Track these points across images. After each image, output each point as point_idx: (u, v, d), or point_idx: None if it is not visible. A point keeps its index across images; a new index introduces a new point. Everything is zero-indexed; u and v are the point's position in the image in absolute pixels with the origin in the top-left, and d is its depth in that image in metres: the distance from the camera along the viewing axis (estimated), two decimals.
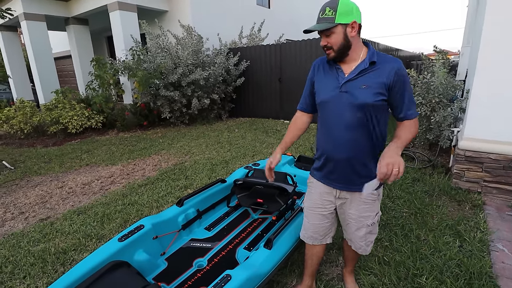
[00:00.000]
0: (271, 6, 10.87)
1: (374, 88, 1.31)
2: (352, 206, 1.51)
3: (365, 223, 1.52)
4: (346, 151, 1.40)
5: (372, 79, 1.32)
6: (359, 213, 1.51)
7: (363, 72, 1.33)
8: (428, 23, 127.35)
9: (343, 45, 1.32)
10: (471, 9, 5.14)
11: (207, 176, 3.83)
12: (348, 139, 1.38)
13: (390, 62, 1.33)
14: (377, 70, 1.32)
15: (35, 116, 6.71)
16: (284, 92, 7.32)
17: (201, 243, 2.11)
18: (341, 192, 1.51)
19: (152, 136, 6.42)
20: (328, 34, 1.32)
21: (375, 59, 1.33)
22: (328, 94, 1.41)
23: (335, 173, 1.48)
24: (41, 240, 2.52)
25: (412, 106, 1.37)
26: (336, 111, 1.39)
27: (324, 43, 1.35)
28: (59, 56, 12.51)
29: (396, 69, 1.30)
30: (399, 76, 1.31)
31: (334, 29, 1.29)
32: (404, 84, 1.33)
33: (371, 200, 1.49)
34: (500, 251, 2.23)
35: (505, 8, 2.69)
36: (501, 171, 2.95)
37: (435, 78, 3.92)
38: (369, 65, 1.33)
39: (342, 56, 1.37)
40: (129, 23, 7.37)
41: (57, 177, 4.16)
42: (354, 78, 1.34)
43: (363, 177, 1.42)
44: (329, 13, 1.28)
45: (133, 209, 3.01)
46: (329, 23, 1.28)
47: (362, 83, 1.32)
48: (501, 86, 2.81)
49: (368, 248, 1.61)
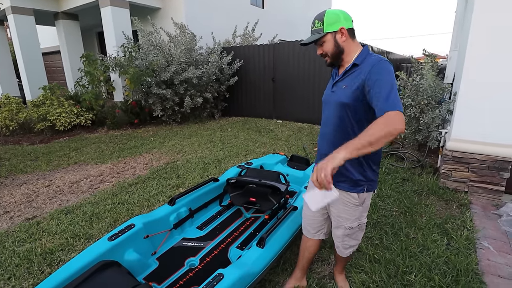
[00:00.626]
0: (265, 6, 10.88)
1: (351, 88, 1.35)
2: (334, 203, 1.55)
3: (343, 224, 1.55)
4: (327, 147, 1.49)
5: (351, 80, 1.37)
6: (338, 212, 1.55)
7: (347, 73, 1.42)
8: (418, 27, 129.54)
9: (336, 51, 1.41)
10: (458, 14, 5.25)
11: (200, 175, 3.81)
12: (331, 136, 1.49)
13: (370, 61, 1.31)
14: (357, 71, 1.36)
15: (21, 112, 6.54)
16: (277, 92, 7.33)
17: (193, 242, 2.10)
18: None
19: (143, 134, 6.34)
20: (321, 44, 1.42)
21: (358, 61, 1.37)
22: (325, 94, 1.57)
23: None
24: (27, 240, 2.46)
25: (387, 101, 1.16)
26: (327, 109, 1.53)
27: (320, 52, 1.46)
28: (47, 52, 12.22)
29: (372, 66, 1.27)
30: (373, 72, 1.25)
31: (324, 38, 1.40)
32: (377, 76, 1.23)
33: (351, 203, 1.49)
34: (486, 248, 2.29)
35: (490, 14, 2.76)
36: (486, 171, 3.03)
37: (424, 80, 4.00)
38: (352, 67, 1.39)
39: (338, 61, 1.46)
40: (121, 19, 7.25)
41: (44, 176, 4.07)
42: (340, 80, 1.45)
43: (341, 175, 1.45)
44: (317, 24, 1.39)
45: (123, 208, 2.97)
46: (319, 34, 1.39)
47: (343, 84, 1.41)
48: (487, 89, 2.89)
49: (345, 251, 1.64)
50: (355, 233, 1.59)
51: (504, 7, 2.69)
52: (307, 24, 13.00)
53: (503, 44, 2.75)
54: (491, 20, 2.77)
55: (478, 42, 2.86)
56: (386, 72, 1.24)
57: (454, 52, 4.89)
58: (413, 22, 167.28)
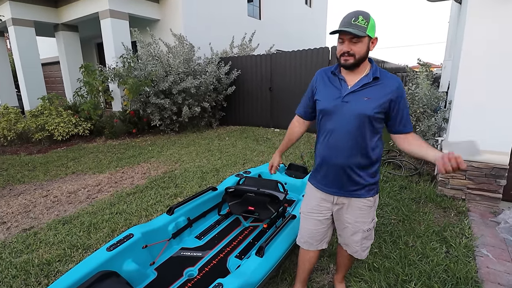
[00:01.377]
0: (262, 18, 11.06)
1: (376, 101, 1.39)
2: (349, 211, 1.56)
3: (361, 228, 1.57)
4: (343, 158, 1.46)
5: (374, 93, 1.40)
6: (355, 218, 1.55)
7: (367, 85, 1.42)
8: (412, 37, 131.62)
9: (363, 56, 1.40)
10: (452, 25, 5.37)
11: (198, 184, 3.81)
12: (346, 146, 1.45)
13: (392, 79, 1.44)
14: (380, 85, 1.41)
15: (19, 122, 6.54)
16: (274, 101, 7.40)
17: (191, 252, 2.09)
18: (339, 198, 1.56)
19: (141, 143, 6.35)
20: (356, 42, 1.35)
21: (378, 74, 1.42)
22: (330, 103, 1.47)
23: (332, 179, 1.53)
24: (24, 251, 2.44)
25: (409, 121, 1.47)
26: (337, 119, 1.45)
27: (348, 49, 1.37)
28: (46, 62, 12.30)
29: (397, 86, 1.41)
30: (400, 93, 1.41)
31: (363, 38, 1.35)
32: (403, 100, 1.43)
33: (367, 206, 1.54)
34: (485, 256, 2.29)
35: (482, 26, 2.83)
36: (483, 178, 3.05)
37: (419, 89, 4.06)
38: (373, 80, 1.41)
39: (357, 66, 1.42)
40: (121, 31, 7.35)
41: (41, 186, 4.05)
42: (357, 90, 1.42)
43: (357, 184, 1.49)
44: (362, 22, 1.32)
45: (121, 218, 2.95)
46: (362, 32, 1.33)
47: (364, 95, 1.40)
48: (481, 97, 2.94)
49: (364, 253, 1.65)
50: (371, 233, 1.62)
51: (495, 19, 2.76)
52: (302, 35, 13.23)
53: (495, 53, 2.81)
54: (483, 31, 2.84)
55: (471, 52, 2.93)
56: (405, 94, 1.47)
57: (448, 62, 4.98)
58: (407, 32, 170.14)
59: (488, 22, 2.80)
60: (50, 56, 11.96)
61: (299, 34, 13.06)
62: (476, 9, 2.84)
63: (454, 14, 5.07)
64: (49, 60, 12.22)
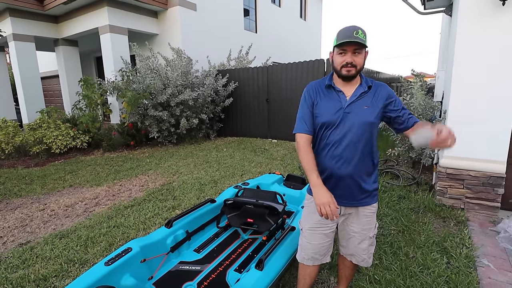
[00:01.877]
0: (258, 31, 11.26)
1: (374, 108, 1.49)
2: (355, 220, 1.58)
3: (368, 235, 1.59)
4: (351, 167, 1.50)
5: (371, 100, 1.49)
6: (362, 226, 1.58)
7: (363, 94, 1.51)
8: (405, 47, 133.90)
9: (362, 67, 1.48)
10: (443, 36, 5.49)
11: (196, 196, 3.79)
12: (353, 156, 1.49)
13: (381, 85, 1.55)
14: (374, 92, 1.51)
15: (17, 136, 6.53)
16: (271, 112, 7.45)
17: (190, 266, 2.06)
18: (346, 208, 1.58)
19: (139, 156, 6.34)
20: (358, 53, 1.43)
21: (370, 83, 1.53)
22: (332, 115, 1.50)
23: (340, 190, 1.54)
24: (20, 266, 2.40)
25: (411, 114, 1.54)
26: (342, 130, 1.49)
27: (351, 60, 1.43)
28: (45, 76, 12.38)
29: (388, 91, 1.54)
30: (392, 95, 1.53)
31: (363, 50, 1.45)
32: (397, 99, 1.54)
33: (371, 212, 1.58)
34: (486, 266, 2.28)
35: (472, 37, 2.90)
36: (481, 187, 3.06)
37: (414, 99, 4.12)
38: (368, 89, 1.51)
39: (355, 77, 1.51)
40: (120, 45, 7.45)
41: (38, 199, 4.01)
42: (356, 100, 1.50)
43: (365, 191, 1.54)
44: (361, 35, 1.40)
45: (119, 231, 2.92)
46: (364, 43, 1.42)
47: (363, 104, 1.48)
48: (474, 107, 2.98)
49: (370, 260, 1.66)
50: (374, 238, 1.65)
51: (485, 31, 2.84)
52: (298, 47, 13.46)
53: (487, 64, 2.87)
54: (474, 43, 2.91)
55: (463, 63, 2.99)
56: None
57: (441, 72, 5.06)
58: (401, 43, 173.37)
59: (479, 34, 2.87)
60: (49, 70, 12.06)
61: (294, 47, 13.28)
62: (466, 21, 2.92)
63: (445, 26, 5.18)
64: (48, 73, 12.31)
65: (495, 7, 2.75)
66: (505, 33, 2.76)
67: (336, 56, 1.47)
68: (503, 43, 2.78)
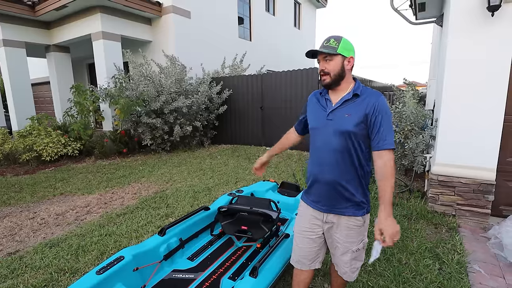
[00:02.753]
0: (252, 39, 11.38)
1: (355, 117, 1.45)
2: (338, 230, 1.56)
3: (351, 248, 1.56)
4: (330, 174, 1.50)
5: (354, 109, 1.46)
6: (345, 238, 1.55)
7: (347, 102, 1.49)
8: (398, 57, 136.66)
9: (339, 74, 1.48)
10: (434, 45, 5.64)
11: (189, 204, 3.76)
12: (332, 163, 1.49)
13: (373, 96, 1.47)
14: (360, 102, 1.47)
15: (6, 143, 6.41)
16: (265, 120, 7.49)
17: (183, 274, 2.04)
18: (328, 215, 1.56)
19: (132, 163, 6.28)
20: (329, 60, 1.47)
21: (358, 92, 1.48)
22: (317, 121, 1.57)
23: (321, 195, 1.56)
24: (9, 276, 2.34)
25: (387, 137, 1.42)
26: (323, 136, 1.52)
27: (323, 68, 1.49)
28: (36, 82, 12.24)
29: (376, 102, 1.44)
30: (378, 109, 1.43)
31: (335, 56, 1.46)
32: (382, 116, 1.42)
33: (356, 226, 1.54)
34: (477, 272, 2.31)
35: (463, 46, 2.99)
36: (472, 194, 3.11)
37: (406, 108, 4.20)
38: (353, 96, 1.48)
39: (335, 84, 1.51)
40: (113, 52, 7.43)
41: (28, 208, 3.93)
42: (338, 108, 1.50)
43: (347, 200, 1.51)
44: (333, 43, 1.45)
45: (111, 240, 2.88)
46: (332, 50, 1.45)
47: (345, 112, 1.47)
48: (465, 115, 3.06)
49: (353, 275, 1.63)
50: (360, 254, 1.61)
51: (475, 41, 2.93)
52: (292, 55, 13.63)
53: (477, 73, 2.96)
54: (464, 52, 3.00)
55: (454, 72, 3.07)
56: (388, 111, 1.46)
57: (433, 81, 5.18)
58: (393, 52, 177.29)
59: (469, 44, 2.96)
60: (40, 76, 11.93)
61: (288, 55, 13.44)
62: (457, 31, 3.00)
63: (436, 36, 5.33)
64: (39, 80, 12.18)
65: (484, 18, 2.85)
66: (494, 43, 2.85)
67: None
68: (493, 53, 2.86)
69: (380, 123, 1.42)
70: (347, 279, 1.64)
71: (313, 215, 1.61)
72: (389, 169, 1.41)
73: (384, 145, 1.42)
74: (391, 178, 1.42)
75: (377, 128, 1.43)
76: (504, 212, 3.19)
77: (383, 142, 1.42)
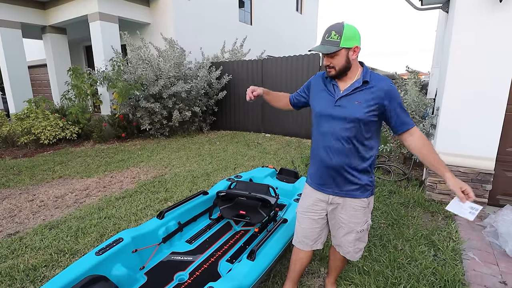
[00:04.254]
0: (253, 23, 11.16)
1: (366, 104, 1.44)
2: (343, 211, 1.59)
3: (355, 229, 1.59)
4: (337, 159, 1.51)
5: (364, 96, 1.44)
6: (350, 218, 1.58)
7: (357, 89, 1.46)
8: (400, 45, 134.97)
9: (344, 66, 1.44)
10: (439, 32, 5.54)
11: (188, 189, 3.78)
12: (339, 148, 1.49)
13: (382, 82, 1.46)
14: (370, 88, 1.45)
15: (4, 126, 6.36)
16: (265, 106, 7.43)
17: (182, 256, 2.06)
18: (334, 197, 1.58)
19: (130, 148, 6.26)
20: (333, 56, 1.42)
21: (368, 78, 1.46)
22: (324, 107, 1.54)
23: (328, 179, 1.57)
24: (9, 256, 2.36)
25: (407, 118, 1.49)
26: (330, 122, 1.51)
27: (328, 63, 1.46)
28: (33, 65, 12.05)
29: (388, 88, 1.44)
30: (392, 95, 1.44)
31: (338, 52, 1.41)
32: (397, 101, 1.45)
33: (361, 207, 1.56)
34: (472, 259, 2.34)
35: (468, 34, 2.94)
36: (470, 183, 3.12)
37: (408, 96, 4.16)
38: (363, 84, 1.46)
39: (341, 75, 1.49)
40: (110, 34, 7.28)
41: (27, 190, 3.94)
42: (348, 94, 1.48)
43: (353, 184, 1.53)
44: (334, 37, 1.38)
45: (110, 222, 2.90)
46: (335, 47, 1.39)
47: (355, 99, 1.45)
48: (467, 104, 3.03)
49: (357, 255, 1.67)
50: (364, 235, 1.64)
51: (482, 27, 2.86)
52: (293, 40, 13.40)
53: (482, 61, 2.91)
54: (470, 39, 2.94)
55: (458, 59, 3.02)
56: (398, 93, 1.48)
57: (436, 69, 5.12)
58: (396, 40, 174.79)
59: (475, 31, 2.90)
60: (37, 59, 11.74)
61: (290, 40, 13.22)
62: (463, 17, 2.94)
63: (441, 23, 5.23)
64: (36, 62, 11.98)
65: (492, 4, 2.78)
66: (501, 30, 2.79)
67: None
68: (500, 40, 2.81)
69: (397, 108, 1.46)
70: (350, 258, 1.67)
71: (318, 197, 1.63)
72: (425, 139, 1.49)
73: (408, 125, 1.48)
74: (431, 145, 1.50)
75: (396, 114, 1.46)
76: (501, 202, 3.21)
77: (407, 124, 1.48)
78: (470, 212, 1.42)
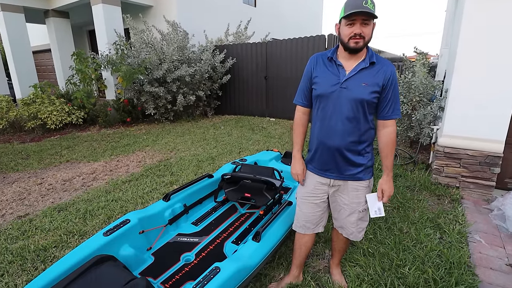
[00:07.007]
0: (257, 5, 10.88)
1: (372, 86, 1.42)
2: (345, 192, 1.59)
3: (357, 209, 1.60)
4: (340, 141, 1.49)
5: (371, 78, 1.43)
6: (351, 199, 1.58)
7: (363, 70, 1.44)
8: (408, 26, 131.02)
9: (370, 39, 1.41)
10: (449, 13, 5.33)
11: (193, 172, 3.80)
12: (343, 130, 1.48)
13: (386, 65, 1.47)
14: (376, 70, 1.44)
15: (11, 111, 6.41)
16: (270, 90, 7.35)
17: (188, 238, 2.09)
18: (335, 180, 1.58)
19: (135, 132, 6.29)
20: (366, 24, 1.36)
21: (374, 60, 1.45)
22: (328, 88, 1.49)
23: (328, 162, 1.56)
24: (20, 237, 2.42)
25: (396, 106, 1.50)
26: (335, 104, 1.48)
27: (359, 32, 1.36)
28: (37, 50, 12.01)
29: (391, 73, 1.45)
30: (392, 79, 1.45)
31: (372, 21, 1.37)
32: (394, 86, 1.47)
33: (363, 187, 1.57)
34: (478, 242, 2.33)
35: (481, 14, 2.81)
36: (477, 166, 3.08)
37: (416, 77, 4.05)
38: (369, 65, 1.43)
39: (360, 50, 1.43)
40: (113, 17, 7.18)
41: (35, 174, 4.00)
42: (355, 75, 1.44)
43: (353, 165, 1.53)
44: (371, 5, 1.33)
45: (117, 205, 2.94)
46: (373, 13, 1.34)
47: (362, 81, 1.43)
48: (477, 85, 2.94)
49: (359, 235, 1.68)
50: (366, 214, 1.65)
51: (492, 8, 2.74)
52: (298, 23, 13.08)
53: (493, 42, 2.80)
54: (482, 19, 2.82)
55: (469, 40, 2.91)
56: (397, 81, 1.49)
57: (445, 50, 4.96)
58: (403, 21, 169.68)
59: (487, 11, 2.78)
60: (41, 44, 11.68)
61: (295, 22, 12.90)
62: None
63: (451, 3, 5.02)
64: (40, 48, 11.94)
65: None
66: None
67: (344, 27, 1.40)
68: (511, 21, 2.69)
69: (392, 93, 1.46)
70: (354, 238, 1.68)
71: (319, 181, 1.62)
72: (394, 136, 1.52)
73: (393, 114, 1.50)
74: (395, 146, 1.54)
75: (389, 98, 1.47)
76: (509, 185, 3.18)
77: (392, 112, 1.49)
78: (375, 211, 1.56)
